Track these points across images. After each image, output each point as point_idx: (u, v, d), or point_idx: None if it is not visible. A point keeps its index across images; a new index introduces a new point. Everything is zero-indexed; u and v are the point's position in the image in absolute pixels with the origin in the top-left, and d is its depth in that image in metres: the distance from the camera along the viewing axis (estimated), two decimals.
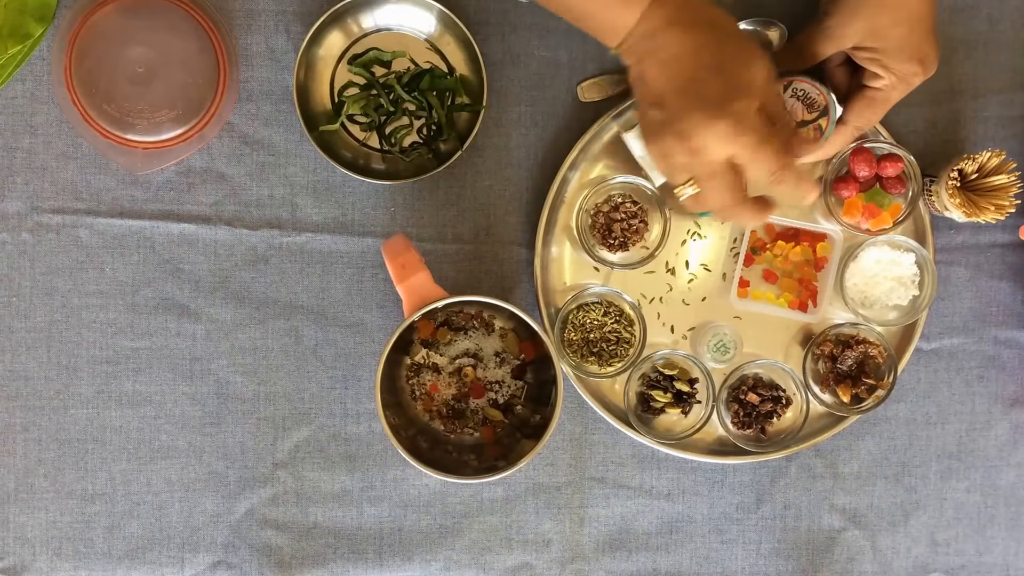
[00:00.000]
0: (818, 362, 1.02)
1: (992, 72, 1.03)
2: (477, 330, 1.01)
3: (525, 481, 1.03)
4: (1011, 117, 1.03)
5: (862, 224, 0.99)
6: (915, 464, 1.05)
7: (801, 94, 0.94)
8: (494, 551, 1.03)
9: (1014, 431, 1.05)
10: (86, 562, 1.02)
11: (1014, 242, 1.04)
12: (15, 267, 1.01)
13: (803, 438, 1.01)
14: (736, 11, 1.01)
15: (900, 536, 1.05)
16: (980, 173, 0.97)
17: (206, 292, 1.01)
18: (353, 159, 1.00)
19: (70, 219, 1.01)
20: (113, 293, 1.01)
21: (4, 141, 1.00)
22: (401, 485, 1.03)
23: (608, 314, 1.00)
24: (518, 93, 1.02)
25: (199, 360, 1.02)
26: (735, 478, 1.04)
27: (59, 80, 0.97)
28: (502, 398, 1.02)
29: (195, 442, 1.02)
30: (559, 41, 1.01)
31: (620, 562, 1.04)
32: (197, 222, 1.01)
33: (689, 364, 1.01)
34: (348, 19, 0.98)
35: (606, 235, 1.00)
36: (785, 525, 1.04)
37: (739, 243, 1.01)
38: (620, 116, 1.00)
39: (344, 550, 1.03)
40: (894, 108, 1.02)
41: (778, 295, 1.02)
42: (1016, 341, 1.04)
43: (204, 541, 1.02)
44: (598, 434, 1.03)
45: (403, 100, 0.99)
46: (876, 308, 1.01)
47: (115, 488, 1.02)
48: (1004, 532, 1.06)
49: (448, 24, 0.98)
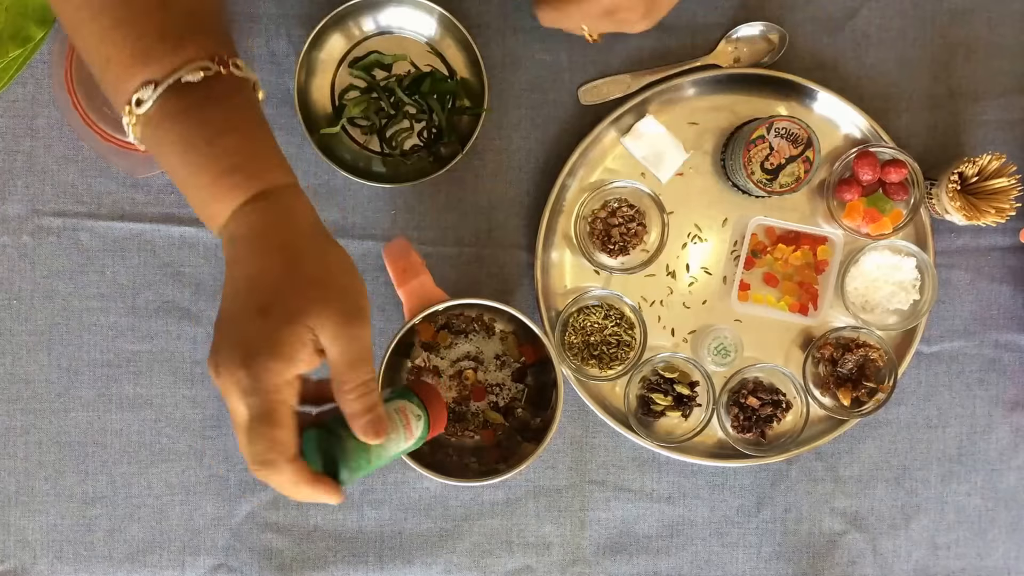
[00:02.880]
0: (818, 365, 1.02)
1: (992, 75, 1.03)
2: (478, 333, 1.01)
3: (526, 484, 1.03)
4: (1011, 120, 1.03)
5: (862, 228, 0.99)
6: (916, 467, 1.05)
7: (783, 131, 0.96)
8: (495, 554, 1.03)
9: (1015, 434, 1.05)
10: (87, 565, 1.02)
11: (1014, 245, 1.04)
12: (16, 270, 1.01)
13: (803, 441, 1.01)
14: (736, 13, 1.02)
15: (901, 539, 1.05)
16: (980, 176, 0.97)
17: (207, 295, 1.01)
18: (354, 162, 1.00)
19: (71, 222, 1.01)
20: (114, 296, 1.01)
21: (5, 144, 1.00)
22: (402, 488, 1.03)
23: (609, 317, 1.00)
24: (519, 96, 1.02)
25: (200, 363, 1.02)
26: (736, 481, 1.04)
27: (60, 83, 0.97)
28: (503, 401, 1.02)
29: (196, 445, 1.02)
30: (560, 44, 1.01)
31: (621, 565, 1.04)
32: (198, 225, 1.01)
33: (689, 367, 1.01)
34: (349, 22, 0.98)
35: (605, 241, 1.00)
36: (786, 528, 1.04)
37: (739, 246, 1.01)
38: (620, 119, 1.00)
39: (345, 553, 1.03)
40: (895, 112, 1.02)
41: (779, 298, 1.02)
42: (1017, 344, 1.04)
43: (205, 544, 1.02)
44: (599, 437, 1.03)
45: (404, 103, 0.99)
46: (877, 312, 1.01)
47: (116, 491, 1.02)
48: (1005, 535, 1.05)
49: (449, 27, 0.98)
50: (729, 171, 1.00)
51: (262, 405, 0.63)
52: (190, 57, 0.65)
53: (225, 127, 0.66)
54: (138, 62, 0.65)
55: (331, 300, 0.65)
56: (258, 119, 0.68)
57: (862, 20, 1.02)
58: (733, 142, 1.00)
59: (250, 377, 0.63)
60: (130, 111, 0.65)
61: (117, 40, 0.65)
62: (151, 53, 0.65)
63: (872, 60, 1.03)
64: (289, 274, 0.65)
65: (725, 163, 1.01)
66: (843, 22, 1.02)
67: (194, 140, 0.65)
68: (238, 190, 0.66)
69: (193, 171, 0.66)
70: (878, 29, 1.02)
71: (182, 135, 0.65)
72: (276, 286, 0.64)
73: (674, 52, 1.02)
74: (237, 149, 0.66)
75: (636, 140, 1.00)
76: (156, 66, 0.64)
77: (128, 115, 0.66)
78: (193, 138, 0.65)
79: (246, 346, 0.63)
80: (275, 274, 0.65)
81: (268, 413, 0.63)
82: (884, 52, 1.03)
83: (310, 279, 0.65)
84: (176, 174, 0.67)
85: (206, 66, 0.65)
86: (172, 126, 0.65)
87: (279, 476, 0.65)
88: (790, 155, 0.96)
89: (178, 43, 0.65)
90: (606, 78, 1.01)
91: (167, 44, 0.65)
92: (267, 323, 0.63)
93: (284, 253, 0.65)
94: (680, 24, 1.02)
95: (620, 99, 1.01)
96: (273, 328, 0.63)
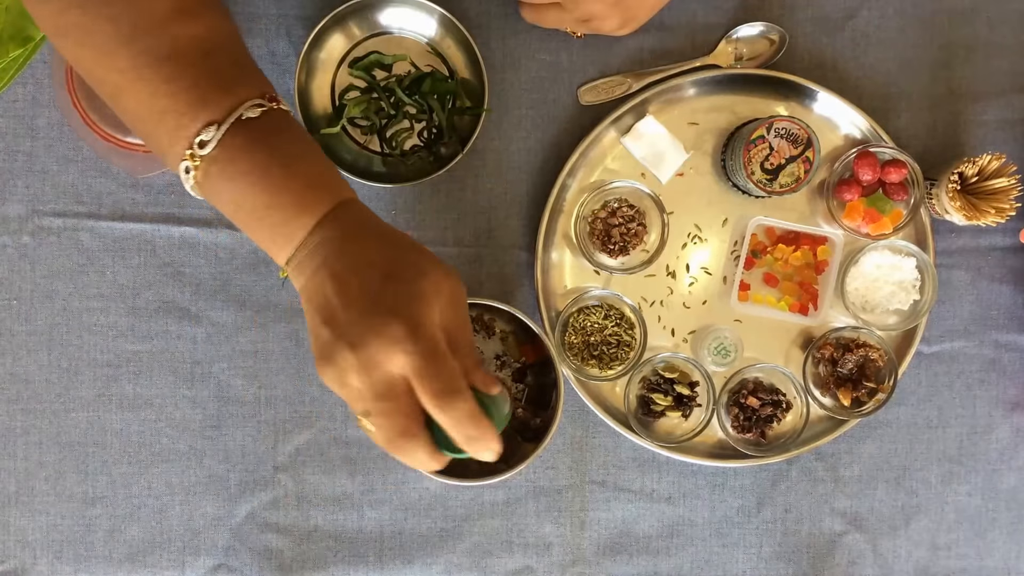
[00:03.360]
0: (818, 365, 1.02)
1: (992, 75, 1.03)
2: (478, 333, 1.01)
3: (526, 484, 1.03)
4: (1011, 120, 1.03)
5: (862, 228, 0.99)
6: (916, 468, 1.05)
7: (783, 131, 0.96)
8: (495, 554, 1.03)
9: (1015, 435, 1.05)
10: (87, 565, 1.02)
11: (1015, 245, 1.04)
12: (16, 270, 1.01)
13: (804, 442, 1.01)
14: (736, 13, 1.02)
15: (901, 540, 1.05)
16: (980, 176, 0.97)
17: (207, 295, 1.01)
18: (354, 162, 1.00)
19: (71, 222, 1.01)
20: (114, 296, 1.01)
21: (5, 144, 1.00)
22: (402, 488, 1.03)
23: (609, 317, 1.00)
24: (519, 96, 1.02)
25: (200, 363, 1.02)
26: (736, 481, 1.04)
27: (60, 83, 0.97)
28: None
29: (196, 445, 1.02)
30: (560, 44, 1.01)
31: (621, 565, 1.04)
32: (198, 225, 1.01)
33: (690, 367, 1.01)
34: (349, 22, 0.98)
35: (605, 241, 1.00)
36: (786, 529, 1.04)
37: (740, 246, 1.01)
38: (620, 120, 1.00)
39: (345, 553, 1.03)
40: (895, 112, 1.02)
41: (779, 298, 1.02)
42: (1017, 344, 1.04)
43: (205, 544, 1.02)
44: (599, 437, 1.03)
45: (404, 103, 1.00)
46: (877, 313, 1.01)
47: (116, 491, 1.02)
48: (1005, 536, 1.05)
49: (449, 27, 0.98)
50: (729, 171, 1.00)
51: (430, 339, 0.65)
52: (244, 97, 0.69)
53: (295, 152, 0.71)
54: (196, 107, 0.69)
55: (438, 267, 0.68)
56: (315, 145, 0.73)
57: (862, 20, 1.02)
58: (733, 142, 1.00)
59: (406, 323, 0.64)
60: (192, 155, 0.69)
61: (171, 92, 0.69)
62: (207, 98, 0.69)
63: (871, 60, 1.03)
64: (394, 250, 0.68)
65: (725, 163, 1.01)
66: (843, 22, 1.02)
67: (270, 166, 0.69)
68: (322, 203, 0.69)
69: (274, 192, 0.69)
70: (877, 29, 1.02)
71: (257, 163, 0.69)
72: (395, 256, 0.68)
73: (674, 52, 1.02)
74: (312, 170, 0.71)
75: (636, 140, 1.01)
76: (214, 108, 0.69)
77: (190, 159, 0.69)
78: (268, 165, 0.69)
79: (387, 304, 0.65)
80: (386, 249, 0.68)
81: (438, 343, 0.65)
82: (883, 52, 1.03)
83: (420, 252, 0.69)
84: (248, 202, 0.69)
85: (261, 103, 0.70)
86: (243, 157, 0.69)
87: (467, 404, 0.65)
88: (790, 155, 0.96)
89: (230, 87, 0.70)
90: (606, 78, 1.01)
91: (221, 88, 0.69)
92: (399, 284, 0.66)
93: (380, 237, 0.69)
94: (680, 24, 1.02)
95: (620, 99, 1.01)
96: (408, 282, 0.66)
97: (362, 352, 0.64)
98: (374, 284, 0.66)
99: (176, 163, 0.70)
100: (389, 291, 0.66)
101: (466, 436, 0.66)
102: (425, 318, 0.65)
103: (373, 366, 0.64)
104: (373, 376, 0.64)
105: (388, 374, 0.65)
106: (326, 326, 0.66)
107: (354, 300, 0.66)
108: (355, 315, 0.65)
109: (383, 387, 0.65)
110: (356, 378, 0.65)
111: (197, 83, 0.69)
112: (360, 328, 0.65)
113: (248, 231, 0.71)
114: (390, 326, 0.64)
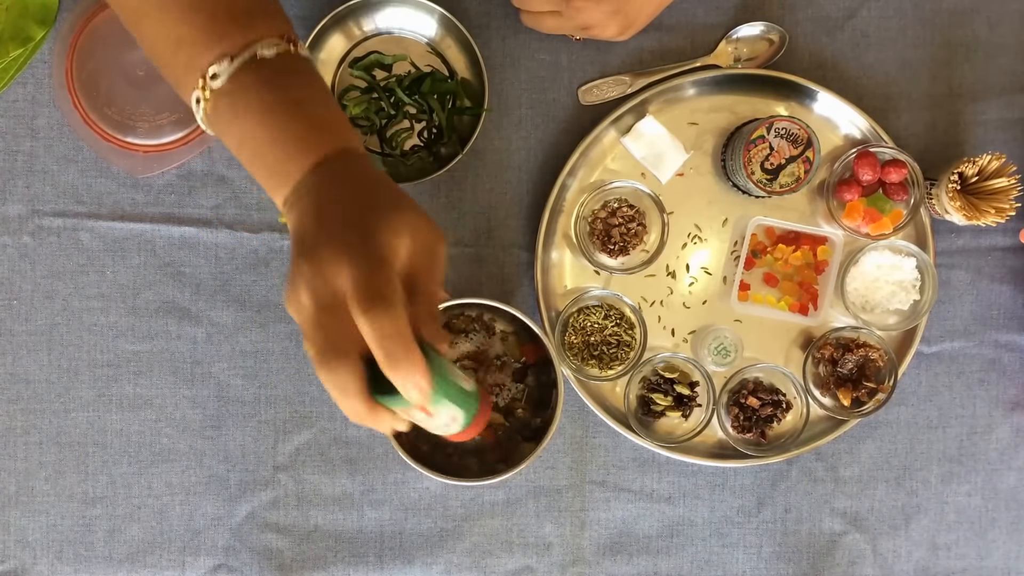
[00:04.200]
0: (818, 365, 1.02)
1: (992, 75, 1.03)
2: (478, 333, 1.01)
3: (526, 484, 1.03)
4: (1011, 120, 1.03)
5: (862, 228, 0.99)
6: (916, 468, 1.05)
7: (783, 131, 0.96)
8: (495, 554, 1.03)
9: (1015, 435, 1.05)
10: (87, 565, 1.02)
11: (1015, 245, 1.04)
12: (16, 270, 1.01)
13: (804, 442, 1.01)
14: (736, 13, 1.02)
15: (901, 540, 1.05)
16: (980, 176, 0.97)
17: (207, 295, 1.01)
18: None
19: (71, 222, 1.01)
20: (114, 296, 1.01)
21: (5, 144, 1.00)
22: (402, 488, 1.03)
23: (609, 317, 1.00)
24: (519, 96, 1.02)
25: (200, 363, 1.02)
26: (736, 481, 1.04)
27: (60, 83, 0.97)
28: (503, 401, 1.02)
29: (196, 445, 1.02)
30: (560, 44, 1.02)
31: (621, 565, 1.04)
32: (198, 225, 1.01)
33: (690, 367, 1.01)
34: (349, 22, 0.99)
35: (605, 241, 1.00)
36: (786, 529, 1.04)
37: (739, 246, 1.01)
38: (619, 119, 1.00)
39: (345, 553, 1.03)
40: (895, 112, 1.02)
41: (779, 298, 1.02)
42: (1017, 344, 1.04)
43: (205, 544, 1.02)
44: (599, 437, 1.03)
45: (404, 103, 1.00)
46: (877, 313, 1.01)
47: (116, 491, 1.02)
48: (1005, 536, 1.05)
49: (449, 27, 0.98)
50: (729, 171, 1.00)
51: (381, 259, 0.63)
52: (262, 35, 0.69)
53: (304, 95, 0.70)
54: (212, 39, 0.69)
55: (421, 214, 0.67)
56: (326, 91, 0.72)
57: (862, 20, 1.02)
58: (733, 142, 1.00)
59: (362, 237, 0.63)
60: (204, 86, 0.68)
61: (189, 21, 0.69)
62: (224, 31, 0.69)
63: (871, 60, 1.03)
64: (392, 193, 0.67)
65: (725, 163, 1.01)
66: (843, 22, 1.02)
67: (278, 104, 0.68)
68: (323, 146, 0.68)
69: (277, 130, 0.68)
70: (877, 29, 1.02)
71: (265, 100, 0.68)
72: (379, 196, 0.67)
73: (674, 52, 1.02)
74: (319, 112, 0.70)
75: (636, 140, 1.01)
76: (230, 42, 0.68)
77: (201, 90, 0.69)
78: (277, 103, 0.68)
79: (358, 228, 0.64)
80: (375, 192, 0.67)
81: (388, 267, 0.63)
82: (884, 52, 1.03)
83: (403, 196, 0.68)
84: (250, 139, 0.69)
85: (278, 43, 0.69)
86: (253, 93, 0.68)
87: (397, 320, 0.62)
88: (790, 155, 0.96)
89: (249, 22, 0.69)
90: (606, 78, 1.01)
91: (239, 23, 0.69)
92: (375, 213, 0.65)
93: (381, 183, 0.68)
94: (680, 24, 1.02)
95: (620, 99, 1.01)
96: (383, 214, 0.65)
97: (314, 261, 0.63)
98: (351, 215, 0.65)
99: (188, 94, 0.70)
100: (363, 219, 0.65)
101: (388, 354, 0.62)
102: (386, 244, 0.64)
103: (319, 276, 0.63)
104: (317, 286, 0.63)
105: (332, 285, 0.63)
106: (297, 248, 0.65)
107: (326, 224, 0.65)
108: (324, 236, 0.65)
109: (326, 298, 0.63)
110: (304, 292, 0.63)
111: (215, 15, 0.69)
112: (321, 241, 0.64)
113: (251, 168, 0.71)
114: (347, 236, 0.64)
